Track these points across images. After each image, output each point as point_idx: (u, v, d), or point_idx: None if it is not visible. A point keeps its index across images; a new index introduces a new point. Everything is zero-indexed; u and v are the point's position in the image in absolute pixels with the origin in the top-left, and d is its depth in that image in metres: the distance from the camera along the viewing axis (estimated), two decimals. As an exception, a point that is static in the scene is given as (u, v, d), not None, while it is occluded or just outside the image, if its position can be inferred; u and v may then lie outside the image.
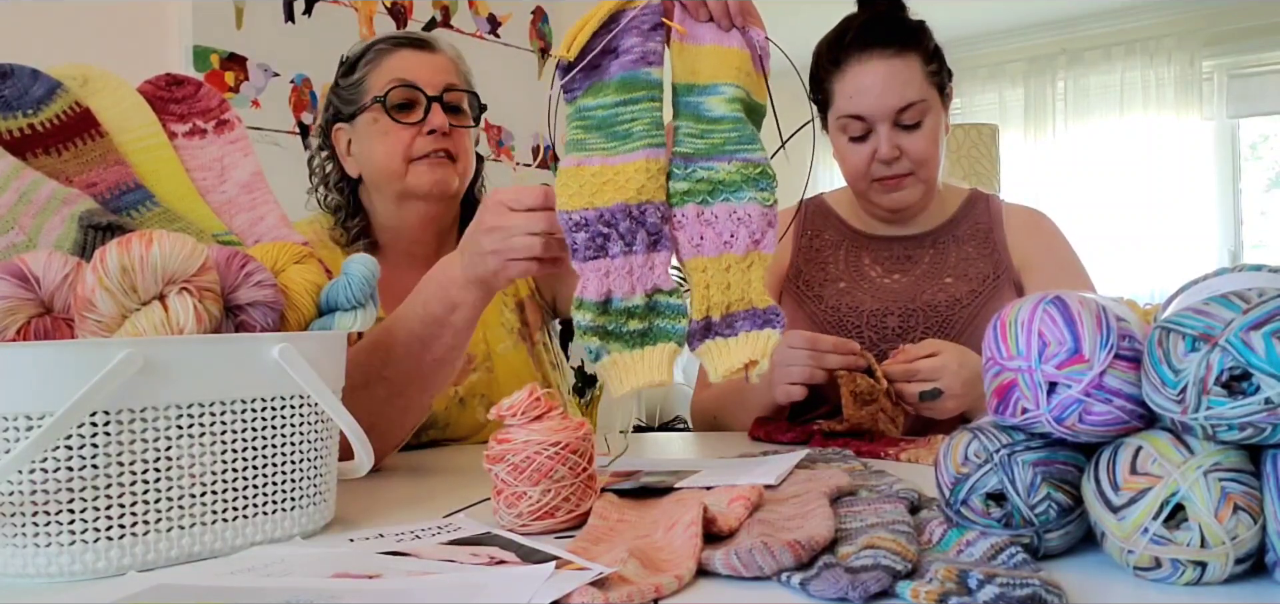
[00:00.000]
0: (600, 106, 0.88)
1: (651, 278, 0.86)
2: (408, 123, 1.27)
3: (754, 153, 0.88)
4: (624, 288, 0.86)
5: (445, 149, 1.28)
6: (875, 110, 1.34)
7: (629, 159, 0.86)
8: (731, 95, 0.88)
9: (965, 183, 1.62)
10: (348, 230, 1.35)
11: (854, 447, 1.12)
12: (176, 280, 0.72)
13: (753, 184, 0.87)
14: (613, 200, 0.86)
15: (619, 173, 0.86)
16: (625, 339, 0.86)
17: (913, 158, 1.36)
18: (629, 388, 0.85)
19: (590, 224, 0.85)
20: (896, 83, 1.33)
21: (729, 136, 0.88)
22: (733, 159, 0.87)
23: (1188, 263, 4.58)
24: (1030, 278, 1.40)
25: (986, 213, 1.47)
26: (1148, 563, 0.57)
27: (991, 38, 5.19)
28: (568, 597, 0.55)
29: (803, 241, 1.52)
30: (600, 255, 0.86)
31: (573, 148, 0.88)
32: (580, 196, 0.86)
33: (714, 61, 0.89)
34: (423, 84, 1.27)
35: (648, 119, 0.87)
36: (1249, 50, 4.73)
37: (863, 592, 0.54)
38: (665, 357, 0.85)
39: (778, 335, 0.85)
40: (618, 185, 0.86)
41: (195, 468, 0.69)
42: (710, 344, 0.86)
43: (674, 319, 0.86)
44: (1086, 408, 0.60)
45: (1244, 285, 0.57)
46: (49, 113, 0.88)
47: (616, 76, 0.88)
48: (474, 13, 2.64)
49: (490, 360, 1.38)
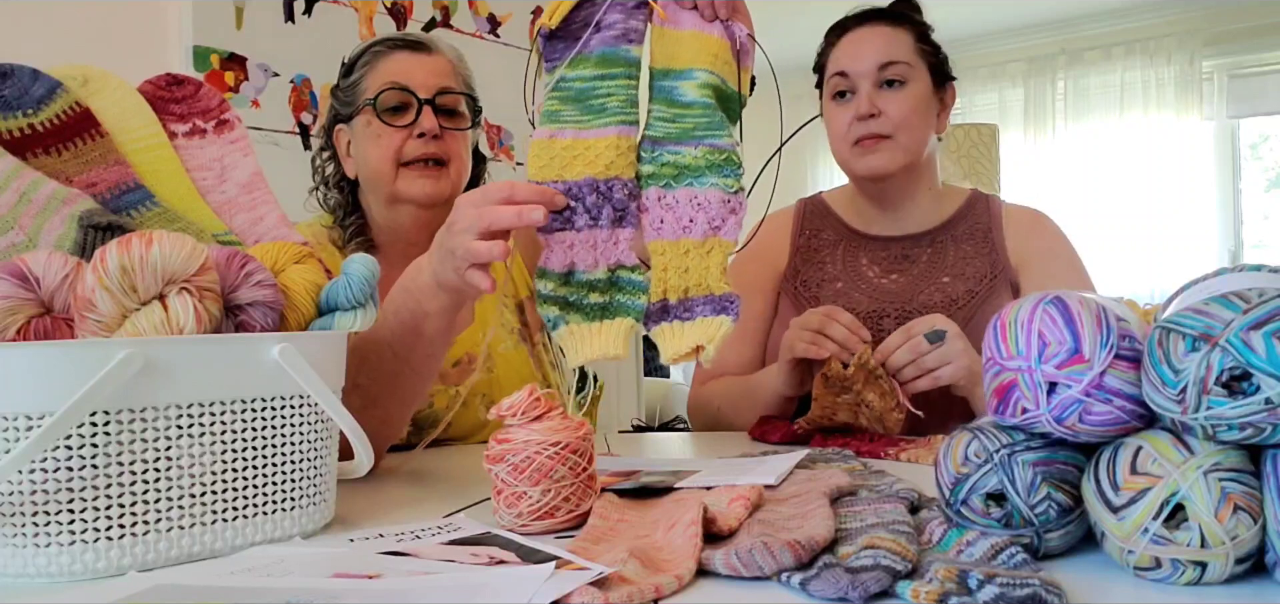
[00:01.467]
0: (579, 79, 0.89)
1: (615, 253, 0.88)
2: (398, 126, 1.27)
3: (720, 139, 0.88)
4: (587, 261, 0.87)
5: (435, 153, 1.28)
6: (858, 66, 1.38)
7: (601, 134, 0.88)
8: (703, 81, 0.89)
9: (966, 183, 1.62)
10: (345, 229, 1.35)
11: (854, 447, 1.12)
12: (176, 280, 0.72)
13: (716, 170, 0.87)
14: (581, 174, 0.87)
15: (590, 147, 0.87)
16: (585, 311, 0.87)
17: (891, 118, 1.36)
18: (585, 358, 0.86)
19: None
20: (881, 41, 1.38)
21: (699, 122, 0.88)
22: (700, 145, 0.88)
23: (1188, 263, 4.58)
24: (1028, 278, 1.39)
25: (986, 213, 1.47)
26: (1148, 563, 0.57)
27: (991, 38, 5.19)
28: (568, 597, 0.55)
29: (800, 241, 1.52)
30: (566, 227, 0.87)
31: (547, 119, 0.89)
32: (550, 168, 0.88)
33: (692, 47, 0.90)
34: (415, 87, 1.27)
35: (623, 96, 0.88)
36: (1249, 50, 4.73)
37: (863, 592, 0.54)
38: (622, 331, 0.86)
39: (730, 323, 0.85)
40: (587, 160, 0.87)
41: (195, 468, 0.69)
42: (665, 326, 0.87)
43: (634, 295, 0.87)
44: (1086, 408, 0.60)
45: (1244, 285, 0.57)
46: (49, 113, 0.88)
47: (597, 51, 0.89)
48: (474, 13, 2.64)
49: (491, 360, 1.38)
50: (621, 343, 0.86)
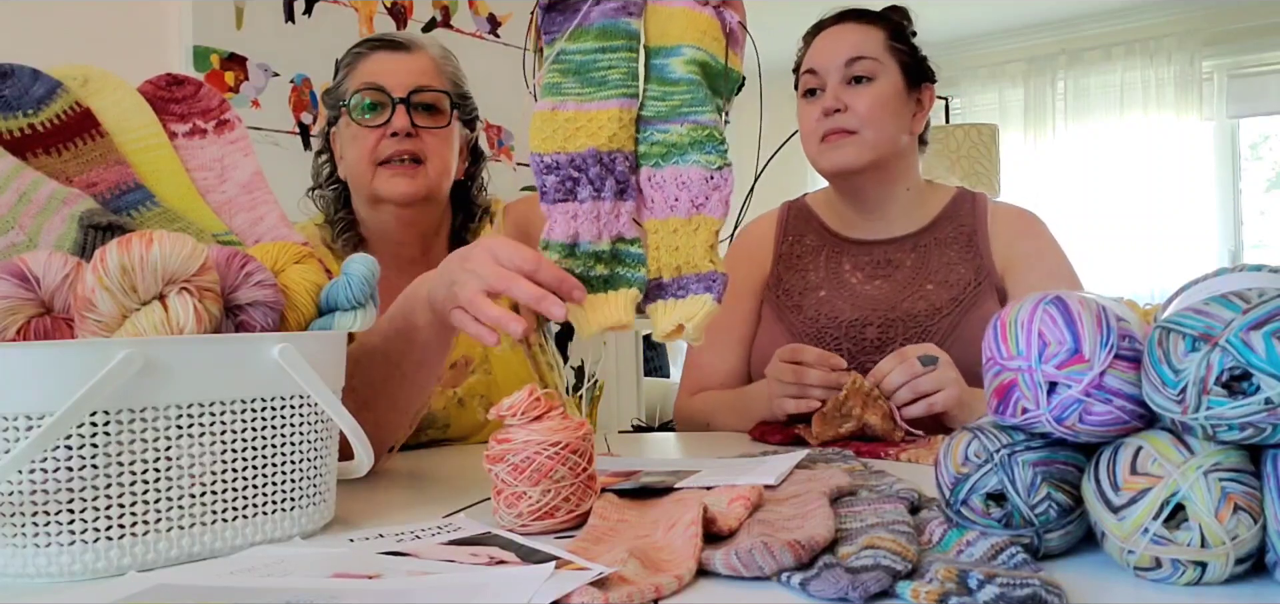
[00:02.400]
0: (580, 51, 0.89)
1: (616, 225, 0.88)
2: (373, 126, 1.28)
3: (704, 115, 0.88)
4: (591, 232, 0.88)
5: (410, 151, 1.28)
6: (826, 62, 1.39)
7: (603, 106, 0.88)
8: (690, 57, 0.89)
9: (953, 180, 1.61)
10: (334, 226, 1.35)
11: (854, 447, 1.11)
12: (176, 280, 0.72)
13: (698, 147, 0.88)
14: (584, 146, 0.88)
15: (592, 119, 0.88)
16: (591, 283, 0.88)
17: (858, 114, 1.36)
18: (595, 328, 0.87)
19: (561, 167, 0.87)
20: (852, 38, 1.39)
21: (684, 99, 0.89)
22: (684, 121, 0.88)
23: (1188, 263, 4.58)
24: (1013, 280, 1.37)
25: (971, 213, 1.44)
26: (1148, 563, 0.57)
27: (991, 38, 5.19)
28: (568, 597, 0.55)
29: (783, 247, 1.50)
30: (569, 198, 0.88)
31: (548, 91, 0.89)
32: (553, 140, 0.88)
33: (681, 23, 0.90)
34: (389, 86, 1.27)
35: (624, 68, 0.89)
36: (1249, 50, 4.73)
37: (863, 592, 0.54)
38: (628, 300, 0.87)
39: (712, 301, 0.86)
40: (590, 131, 0.88)
41: (195, 468, 0.69)
42: (659, 303, 0.89)
43: (634, 267, 0.88)
44: (1086, 408, 0.60)
45: (1244, 285, 0.57)
46: (49, 113, 0.88)
47: (597, 23, 0.89)
48: (474, 13, 2.64)
49: (488, 362, 1.38)
50: (628, 311, 0.87)
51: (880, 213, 1.45)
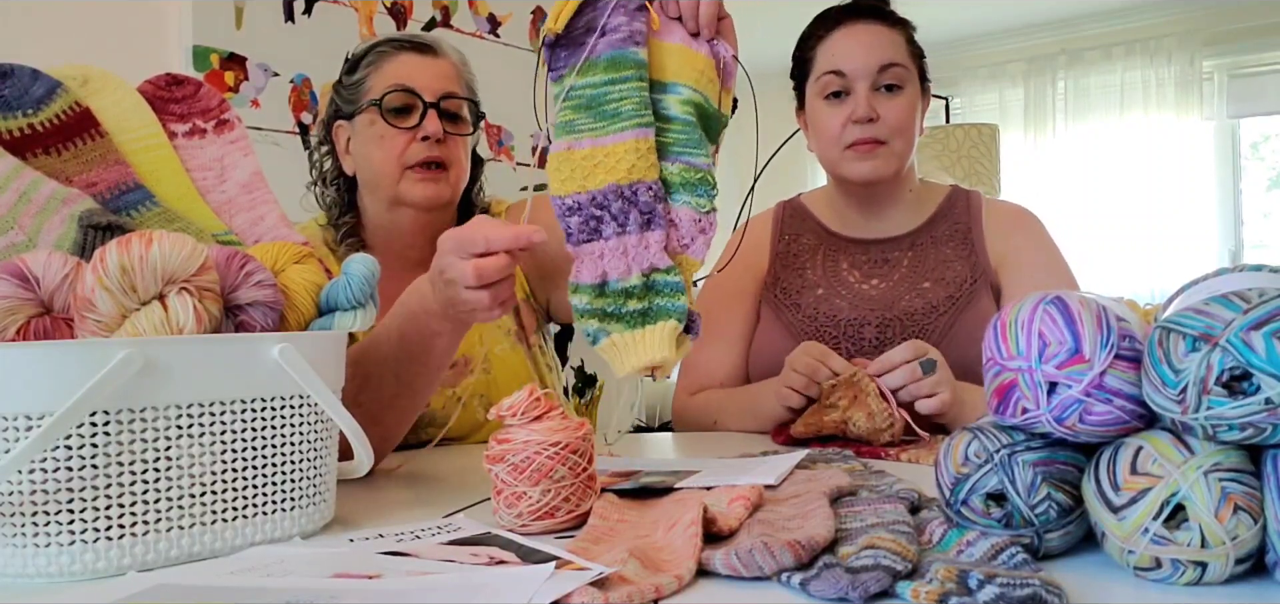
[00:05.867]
0: (590, 86, 0.88)
1: (647, 256, 0.85)
2: (403, 128, 1.27)
3: (698, 158, 0.87)
4: (619, 268, 0.85)
5: (438, 157, 1.28)
6: (857, 66, 1.35)
7: (619, 139, 0.86)
8: (686, 97, 0.88)
9: (948, 178, 1.61)
10: (337, 228, 1.35)
11: (854, 447, 1.12)
12: (176, 280, 0.72)
13: (690, 189, 0.86)
14: (604, 182, 0.85)
15: (609, 153, 0.86)
16: (626, 319, 0.85)
17: (889, 124, 1.34)
18: (631, 368, 0.84)
19: (583, 207, 0.85)
20: (881, 42, 1.36)
21: (677, 138, 0.87)
22: (677, 161, 0.87)
23: (1188, 263, 4.58)
24: (1008, 278, 1.37)
25: (966, 211, 1.45)
26: (1148, 563, 0.57)
27: (991, 38, 5.19)
28: (568, 597, 0.55)
29: (780, 246, 1.50)
30: (594, 238, 0.86)
31: (562, 131, 0.88)
32: (572, 180, 0.86)
33: (678, 61, 0.89)
34: (421, 89, 1.27)
35: (636, 98, 0.87)
36: (1249, 50, 4.73)
37: (863, 592, 0.54)
38: (666, 334, 0.84)
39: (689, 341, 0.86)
40: (608, 167, 0.86)
41: (195, 468, 0.69)
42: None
43: (672, 296, 0.84)
44: (1087, 408, 0.60)
45: (1244, 285, 0.57)
46: (49, 113, 0.88)
47: (605, 55, 0.88)
48: (474, 13, 2.64)
49: (488, 362, 1.38)
50: (668, 346, 0.84)
51: (883, 214, 1.45)
